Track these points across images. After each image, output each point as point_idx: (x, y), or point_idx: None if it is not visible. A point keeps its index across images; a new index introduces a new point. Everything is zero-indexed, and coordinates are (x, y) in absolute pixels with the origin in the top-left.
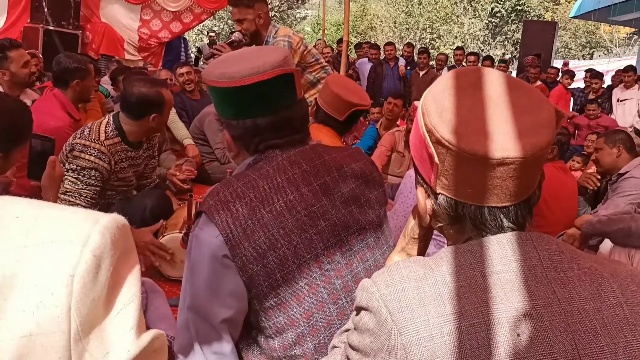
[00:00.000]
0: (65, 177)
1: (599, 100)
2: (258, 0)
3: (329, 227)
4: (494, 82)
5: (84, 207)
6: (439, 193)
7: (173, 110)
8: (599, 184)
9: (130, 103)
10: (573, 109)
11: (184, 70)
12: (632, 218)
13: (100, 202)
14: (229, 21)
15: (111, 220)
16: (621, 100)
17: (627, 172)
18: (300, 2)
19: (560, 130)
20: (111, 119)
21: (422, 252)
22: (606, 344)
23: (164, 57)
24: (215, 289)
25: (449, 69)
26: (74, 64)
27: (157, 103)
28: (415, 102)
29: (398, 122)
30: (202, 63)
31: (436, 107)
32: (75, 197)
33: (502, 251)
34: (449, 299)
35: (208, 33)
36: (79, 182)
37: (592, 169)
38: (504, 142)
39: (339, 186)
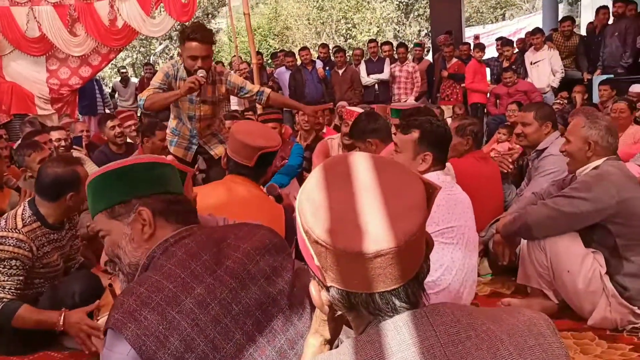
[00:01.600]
0: None
1: (513, 67)
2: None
3: (242, 310)
4: (363, 168)
5: (10, 299)
6: (330, 286)
7: None
8: (511, 167)
9: (45, 185)
10: (491, 79)
11: (115, 122)
12: (526, 213)
13: (28, 294)
14: (142, 49)
15: None
16: (534, 63)
17: (545, 148)
18: (210, 16)
19: (470, 120)
20: (27, 205)
21: (334, 332)
22: None
23: (79, 103)
24: None
25: (366, 62)
26: None
27: (72, 182)
28: (341, 102)
29: (324, 130)
30: (118, 102)
31: (310, 205)
32: None
33: (399, 337)
34: None
35: (119, 70)
36: (0, 275)
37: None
38: (377, 233)
39: (243, 265)
